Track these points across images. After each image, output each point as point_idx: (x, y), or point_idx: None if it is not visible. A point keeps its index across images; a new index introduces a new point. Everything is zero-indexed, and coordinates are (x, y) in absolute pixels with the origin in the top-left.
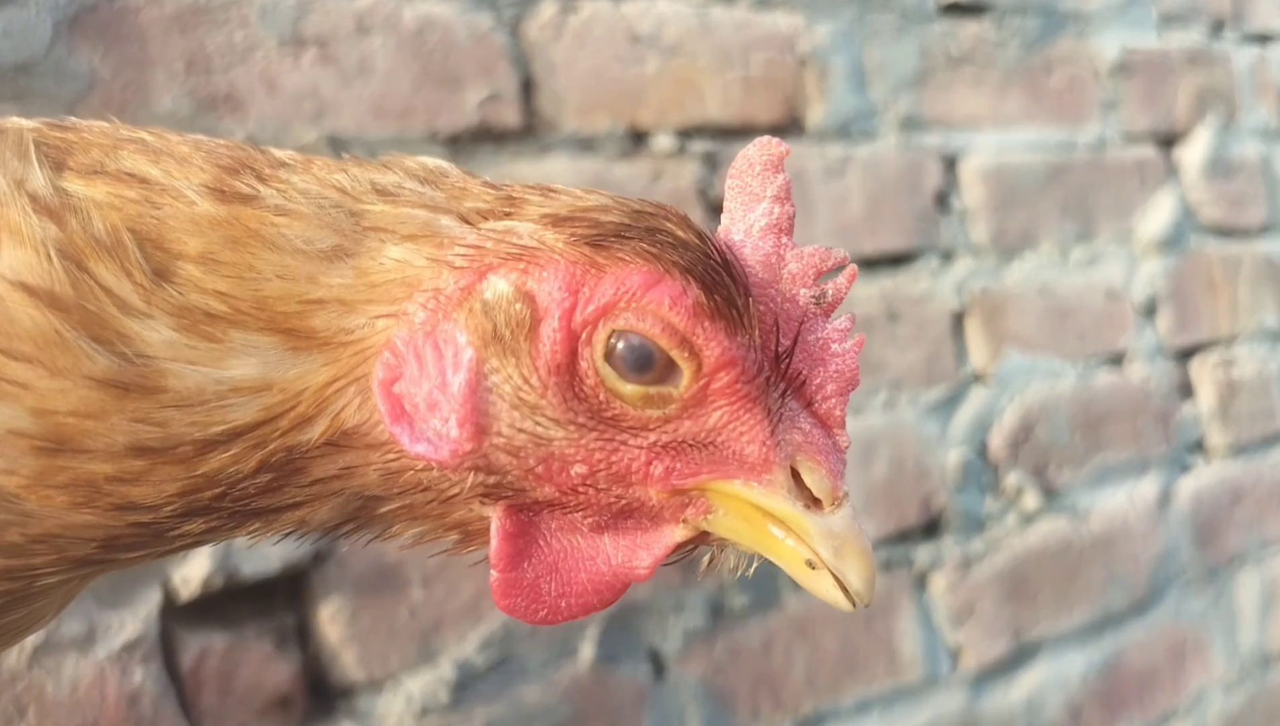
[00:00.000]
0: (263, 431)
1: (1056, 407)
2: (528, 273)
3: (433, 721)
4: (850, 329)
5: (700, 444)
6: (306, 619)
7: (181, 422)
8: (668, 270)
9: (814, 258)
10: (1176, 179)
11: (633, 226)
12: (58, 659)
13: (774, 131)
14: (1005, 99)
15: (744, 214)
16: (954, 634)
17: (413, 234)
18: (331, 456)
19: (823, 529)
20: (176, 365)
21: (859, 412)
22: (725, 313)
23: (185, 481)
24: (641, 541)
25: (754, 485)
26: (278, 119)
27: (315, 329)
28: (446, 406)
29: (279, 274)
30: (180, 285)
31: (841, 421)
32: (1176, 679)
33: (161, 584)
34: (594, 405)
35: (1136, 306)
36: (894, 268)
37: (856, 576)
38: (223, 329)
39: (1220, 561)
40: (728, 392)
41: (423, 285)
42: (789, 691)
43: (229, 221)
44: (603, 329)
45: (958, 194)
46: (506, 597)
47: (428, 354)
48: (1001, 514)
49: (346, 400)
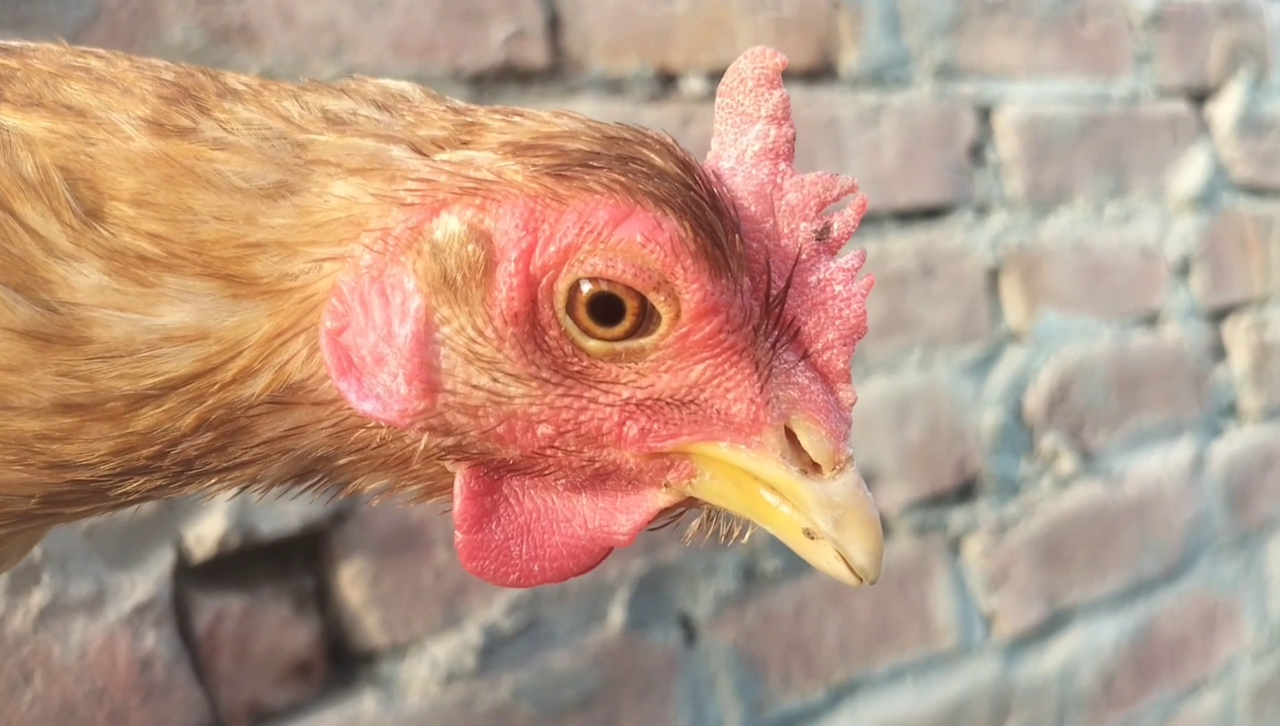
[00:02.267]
0: (199, 384)
1: (1092, 368)
2: (484, 209)
3: (458, 688)
4: (858, 268)
5: (681, 401)
6: (326, 581)
7: (109, 375)
8: (640, 202)
9: (816, 186)
10: (1208, 135)
11: (603, 154)
12: (65, 621)
13: (807, 77)
14: (1039, 48)
15: (735, 138)
16: (988, 600)
17: (360, 167)
18: (277, 413)
19: (820, 497)
20: (104, 312)
21: (894, 370)
22: (708, 251)
23: (118, 439)
24: (621, 504)
25: (742, 448)
26: (295, 52)
27: (256, 274)
28: (394, 360)
29: (216, 215)
30: (113, 226)
31: (845, 374)
32: (1207, 646)
33: (174, 543)
34: (558, 359)
35: (1170, 265)
36: (928, 221)
37: (859, 550)
38: (156, 273)
39: (1252, 527)
40: (710, 343)
41: (369, 224)
42: (821, 658)
43: (164, 158)
44: (566, 274)
45: (992, 146)
46: (473, 560)
47: (374, 301)
48: (1037, 477)
49: (292, 352)
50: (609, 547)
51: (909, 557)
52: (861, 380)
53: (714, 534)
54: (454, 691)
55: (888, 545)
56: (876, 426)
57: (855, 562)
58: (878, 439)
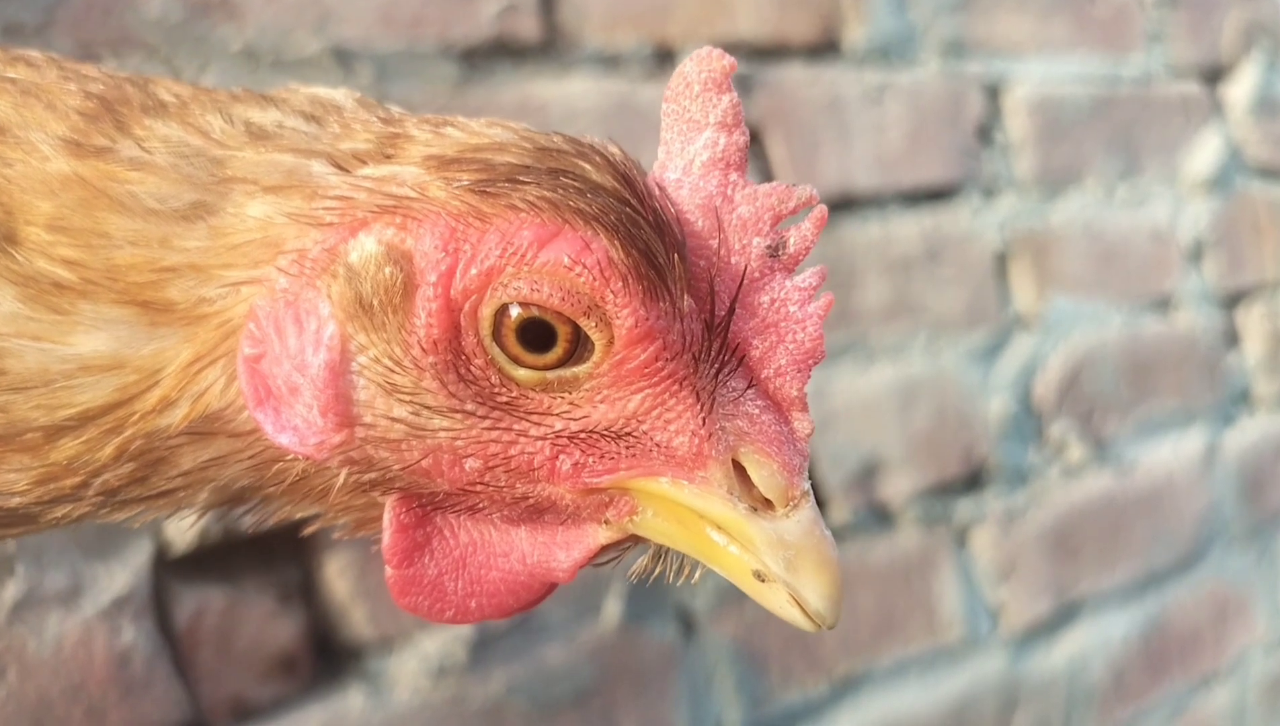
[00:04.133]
0: (118, 415)
1: (1103, 355)
2: (404, 228)
3: (449, 683)
4: (816, 287)
5: (618, 434)
6: (312, 573)
7: (24, 406)
8: (569, 220)
9: (770, 198)
10: (1222, 116)
11: (533, 168)
12: (40, 615)
13: (810, 53)
14: (1049, 26)
15: (682, 147)
16: (995, 592)
17: (277, 185)
18: (197, 444)
19: (770, 536)
20: (17, 342)
21: (899, 356)
22: (642, 272)
23: (40, 470)
24: (561, 539)
25: (684, 484)
26: (278, 27)
27: (172, 300)
28: (308, 391)
29: (130, 239)
30: (27, 252)
31: (799, 402)
32: (1219, 640)
33: (153, 534)
34: (484, 389)
35: (1182, 249)
36: (934, 203)
37: (814, 594)
38: (71, 300)
39: (1265, 518)
40: (647, 371)
41: (286, 245)
42: (824, 652)
43: (79, 181)
44: (490, 298)
45: (1000, 126)
46: (405, 596)
47: (289, 328)
48: (1045, 466)
49: (210, 381)
50: (549, 584)
51: (914, 548)
52: (866, 366)
53: (660, 574)
54: (445, 687)
55: (892, 535)
56: (881, 413)
57: (810, 607)
58: (882, 426)
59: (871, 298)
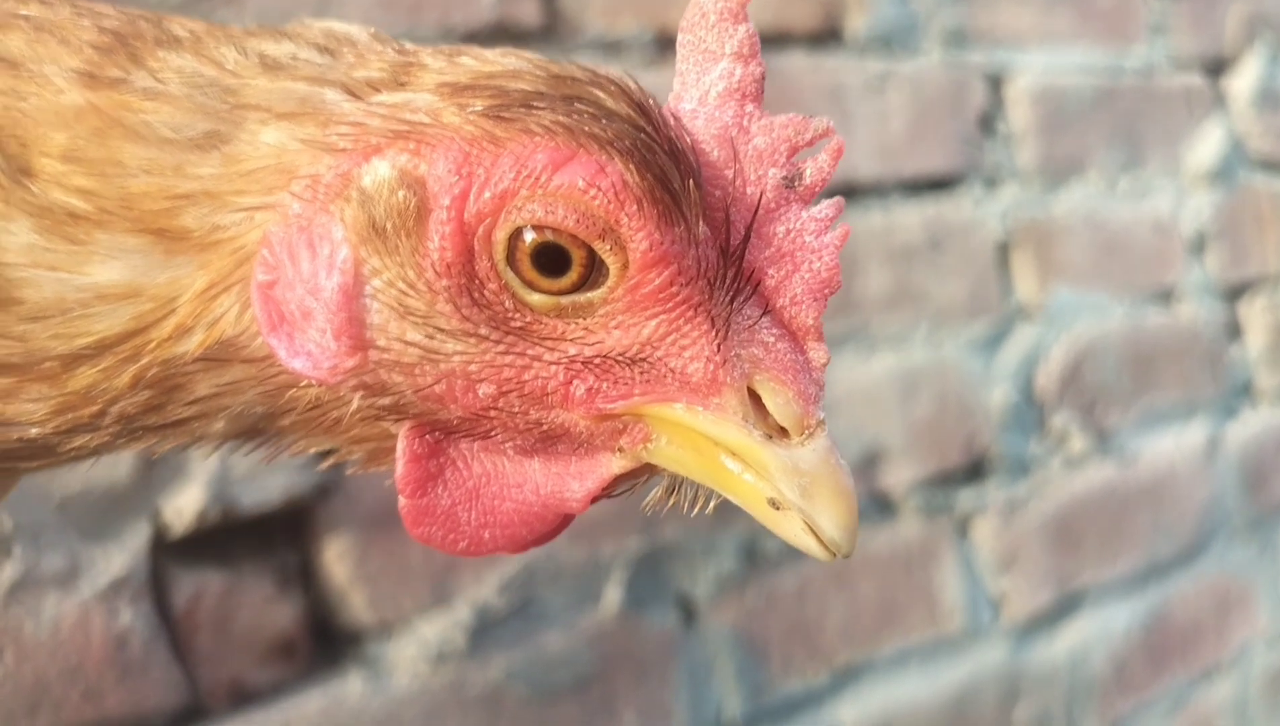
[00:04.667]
0: (134, 343)
1: (1105, 346)
2: (417, 153)
3: (448, 669)
4: (833, 218)
5: (632, 360)
6: (311, 557)
7: (42, 336)
8: (583, 145)
9: (786, 130)
10: (1225, 109)
11: (547, 94)
12: (37, 596)
13: (811, 42)
14: (1051, 17)
15: (698, 78)
16: (997, 582)
17: (290, 112)
18: (212, 371)
19: (786, 463)
20: (35, 272)
21: (901, 346)
22: (657, 196)
23: (58, 399)
24: (574, 469)
25: (699, 410)
26: (278, 10)
27: (187, 227)
28: (321, 315)
29: (145, 168)
30: (43, 183)
31: (815, 331)
32: (1221, 632)
33: (151, 517)
34: (498, 314)
35: (1185, 241)
36: (936, 192)
37: (829, 521)
38: (86, 230)
39: (1267, 510)
40: (662, 296)
41: (299, 171)
42: (825, 641)
43: (94, 110)
44: (504, 221)
45: (1003, 116)
46: (418, 526)
47: (302, 253)
48: (1047, 457)
49: (224, 308)
50: (563, 514)
51: (915, 538)
52: (868, 355)
53: (675, 504)
54: (444, 672)
55: (893, 525)
56: (883, 403)
57: (825, 535)
58: (884, 415)
59: (873, 286)
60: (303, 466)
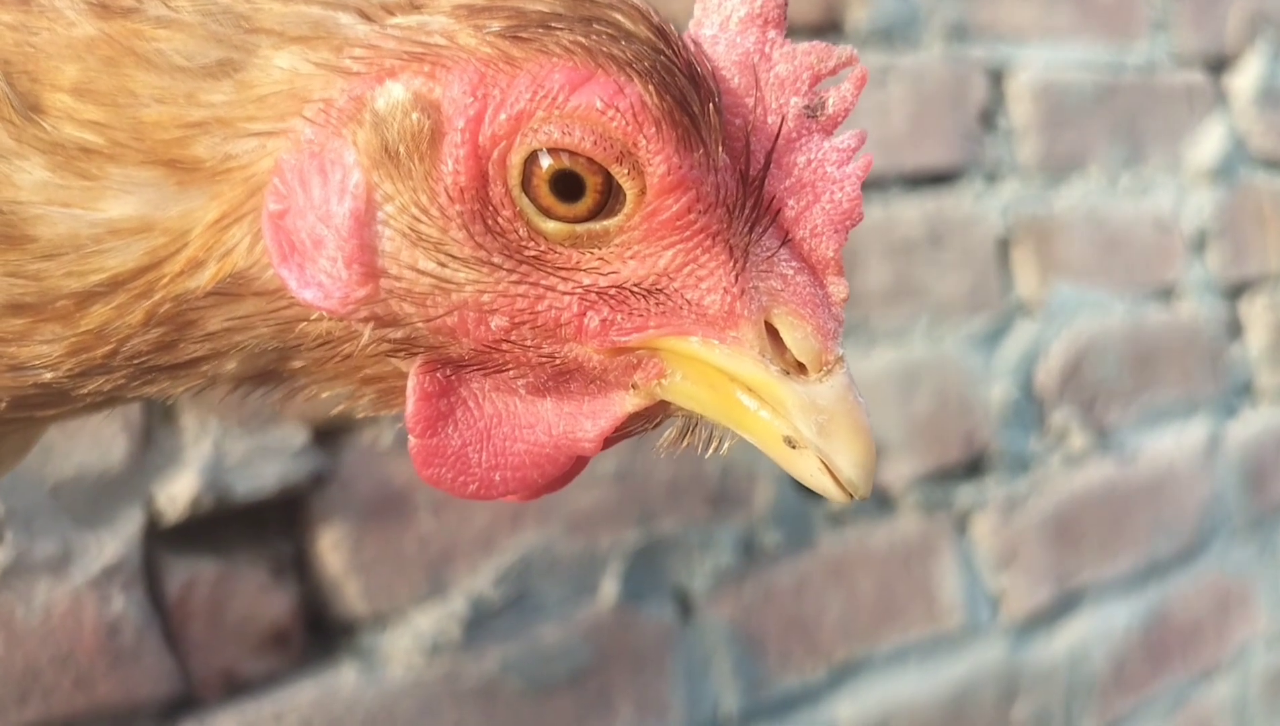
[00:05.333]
0: (147, 278)
1: (1105, 343)
2: (432, 76)
3: (443, 660)
4: (856, 149)
5: (648, 291)
6: (305, 547)
7: (56, 274)
8: (602, 65)
9: (809, 57)
10: (1226, 106)
11: (565, 15)
12: (29, 582)
13: (812, 33)
14: (1053, 12)
15: (719, 3)
16: (996, 580)
17: (303, 35)
18: (224, 305)
19: (803, 400)
20: (48, 209)
21: (901, 340)
22: (676, 119)
23: (71, 339)
24: (587, 408)
25: (715, 343)
26: None
27: (199, 157)
28: (332, 242)
29: (157, 97)
30: (54, 119)
31: (835, 264)
32: (1220, 632)
33: (145, 503)
34: (511, 242)
35: (1186, 239)
36: (936, 187)
37: (847, 460)
38: (99, 165)
39: (1267, 510)
40: (679, 224)
41: (312, 96)
42: (823, 636)
43: (106, 40)
44: (519, 145)
45: (1004, 111)
46: (428, 467)
47: (313, 179)
48: (1047, 454)
49: (236, 240)
50: (575, 456)
51: (914, 534)
52: (867, 350)
53: (689, 444)
54: (438, 664)
55: (892, 520)
56: (882, 397)
57: (843, 474)
58: (883, 409)
59: (873, 280)
60: (297, 454)
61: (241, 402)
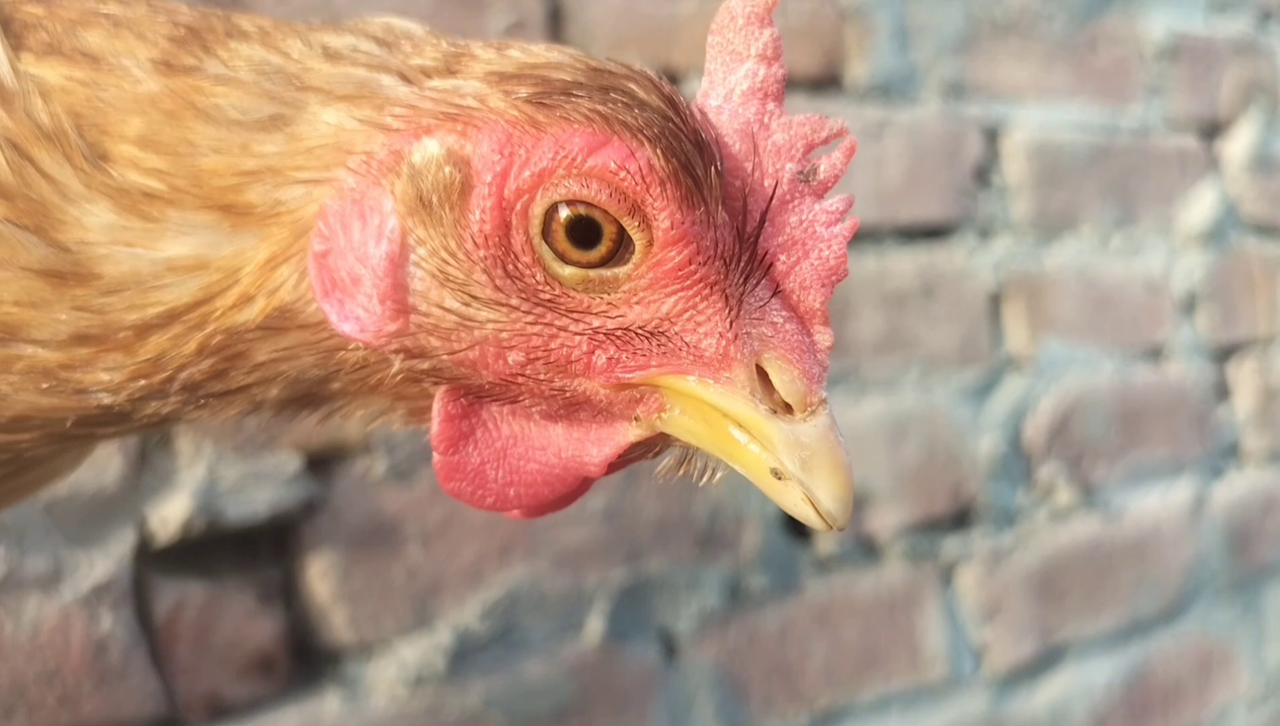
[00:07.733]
0: (201, 312)
1: (1093, 400)
2: (464, 135)
3: (426, 692)
4: (843, 212)
5: (651, 333)
6: (294, 574)
7: (119, 307)
8: (617, 131)
9: (804, 127)
10: (1218, 171)
11: (586, 85)
12: (18, 598)
13: (812, 87)
14: (1050, 73)
15: (724, 76)
16: (979, 632)
17: (349, 95)
18: (271, 337)
19: (788, 437)
20: (114, 249)
21: (891, 390)
22: (680, 179)
23: (131, 367)
24: (594, 436)
25: (710, 383)
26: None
27: (251, 203)
28: (369, 281)
29: (214, 147)
30: (120, 166)
31: (822, 315)
32: (1202, 692)
33: (137, 524)
34: (529, 286)
35: (1175, 300)
36: (930, 240)
37: (827, 494)
38: (160, 208)
39: (1250, 572)
40: (681, 273)
41: (355, 148)
42: (806, 683)
43: (169, 95)
44: (540, 200)
45: (998, 168)
46: (450, 481)
47: (354, 223)
48: (1033, 508)
49: (284, 278)
50: (582, 477)
51: (900, 583)
52: (858, 398)
53: (686, 473)
54: (422, 695)
55: (878, 569)
56: (871, 446)
57: (822, 507)
58: (872, 458)
59: (865, 330)
60: (290, 481)
61: (237, 428)
